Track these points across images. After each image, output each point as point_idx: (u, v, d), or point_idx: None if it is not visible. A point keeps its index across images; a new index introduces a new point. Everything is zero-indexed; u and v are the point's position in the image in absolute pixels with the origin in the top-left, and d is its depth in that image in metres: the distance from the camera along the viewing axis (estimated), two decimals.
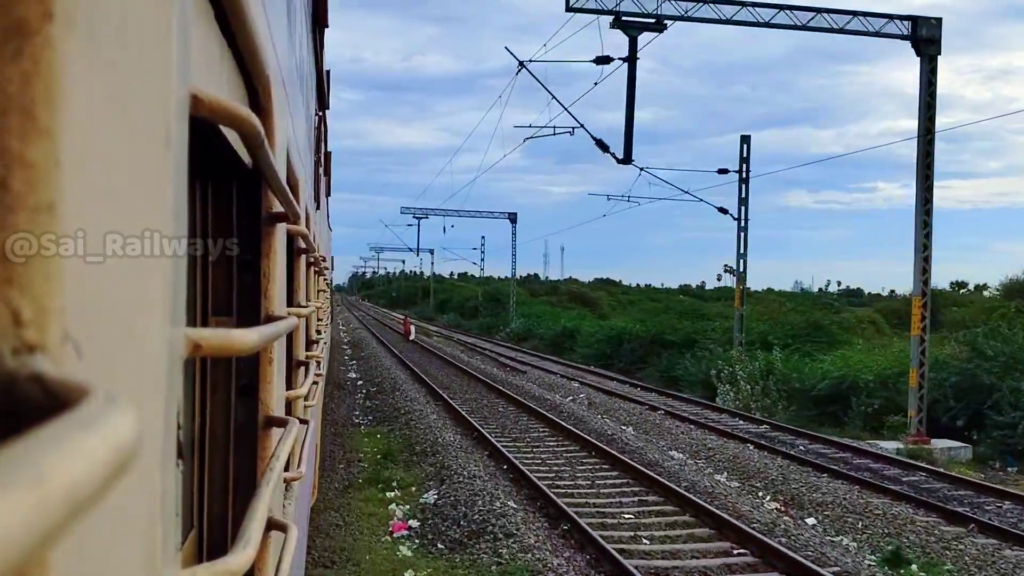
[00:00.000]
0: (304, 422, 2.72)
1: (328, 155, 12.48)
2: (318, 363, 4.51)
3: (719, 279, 41.46)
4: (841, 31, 20.79)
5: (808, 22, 20.72)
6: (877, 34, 20.78)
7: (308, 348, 3.86)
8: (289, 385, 2.73)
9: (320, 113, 8.15)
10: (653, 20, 20.38)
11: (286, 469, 2.03)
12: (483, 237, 68.44)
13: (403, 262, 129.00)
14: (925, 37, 20.10)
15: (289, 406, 2.54)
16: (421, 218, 61.35)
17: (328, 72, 10.09)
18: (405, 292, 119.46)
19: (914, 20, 20.37)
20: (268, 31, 1.70)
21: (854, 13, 20.61)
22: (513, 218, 56.59)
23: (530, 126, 28.70)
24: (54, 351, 0.44)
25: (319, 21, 6.68)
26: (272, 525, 1.60)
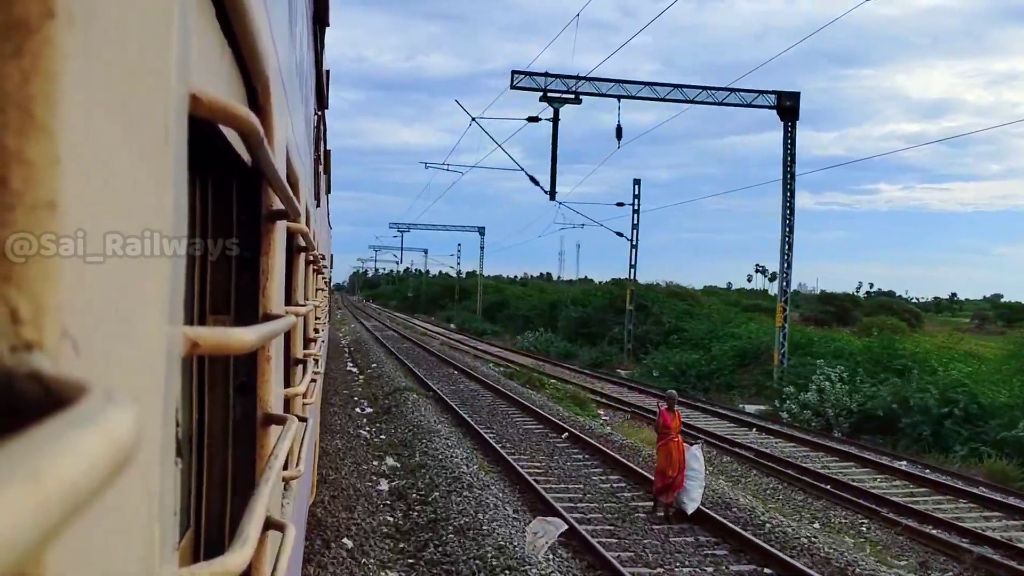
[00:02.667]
0: (303, 420, 2.72)
1: (328, 153, 12.46)
2: (316, 361, 4.51)
3: (749, 280, 38.29)
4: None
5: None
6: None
7: (306, 346, 3.86)
8: (287, 383, 2.73)
9: (320, 112, 8.14)
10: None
11: (284, 467, 2.03)
12: (637, 182, 35.93)
13: (425, 251, 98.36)
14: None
15: (288, 404, 2.54)
16: (564, 98, 26.18)
17: (328, 72, 10.08)
18: (430, 291, 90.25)
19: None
20: (269, 30, 1.70)
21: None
22: (789, 105, 26.25)
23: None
24: (52, 349, 0.44)
25: (320, 19, 6.67)
26: (270, 524, 1.60)
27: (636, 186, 35.91)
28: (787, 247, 25.94)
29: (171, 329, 0.74)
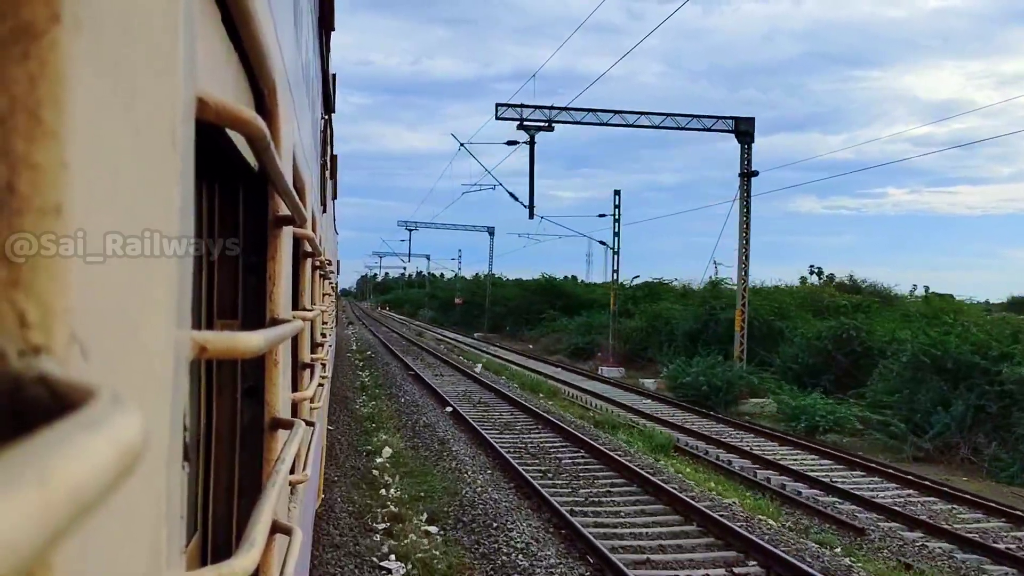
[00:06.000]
0: (310, 424, 2.72)
1: (334, 158, 12.49)
2: (323, 365, 4.52)
3: (803, 281, 34.10)
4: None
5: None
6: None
7: (313, 350, 3.87)
8: (295, 387, 2.73)
9: (326, 116, 8.17)
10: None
11: (291, 471, 2.03)
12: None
13: (428, 257, 66.42)
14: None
15: (295, 408, 2.54)
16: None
17: (334, 76, 10.11)
18: (504, 298, 53.92)
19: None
20: (275, 34, 1.70)
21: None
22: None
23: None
24: (60, 353, 0.44)
25: (325, 24, 6.69)
26: (277, 528, 1.60)
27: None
28: None
29: (179, 333, 0.74)
